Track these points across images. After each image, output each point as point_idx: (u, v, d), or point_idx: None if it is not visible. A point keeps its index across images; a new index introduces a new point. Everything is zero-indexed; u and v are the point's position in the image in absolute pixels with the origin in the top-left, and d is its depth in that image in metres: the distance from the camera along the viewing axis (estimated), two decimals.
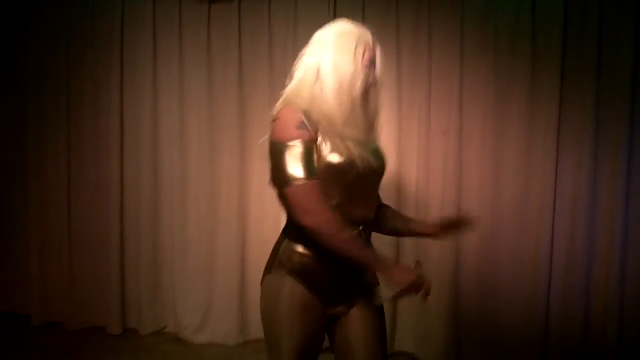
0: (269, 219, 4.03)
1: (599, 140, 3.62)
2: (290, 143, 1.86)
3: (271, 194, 4.29)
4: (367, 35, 1.97)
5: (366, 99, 1.97)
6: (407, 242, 3.82)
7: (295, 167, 1.84)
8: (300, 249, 1.98)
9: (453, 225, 2.18)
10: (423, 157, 3.83)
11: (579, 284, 3.69)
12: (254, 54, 4.05)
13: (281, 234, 2.08)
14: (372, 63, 1.96)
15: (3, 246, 4.48)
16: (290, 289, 1.96)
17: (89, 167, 4.30)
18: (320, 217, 1.83)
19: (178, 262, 4.22)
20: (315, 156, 1.88)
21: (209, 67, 4.11)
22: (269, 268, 2.06)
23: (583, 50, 3.61)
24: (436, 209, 3.81)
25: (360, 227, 1.98)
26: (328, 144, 1.89)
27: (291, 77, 2.05)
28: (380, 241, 2.27)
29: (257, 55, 4.05)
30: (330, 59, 1.94)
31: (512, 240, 3.77)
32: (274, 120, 1.95)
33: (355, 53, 1.93)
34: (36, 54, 4.25)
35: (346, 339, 2.08)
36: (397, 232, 2.27)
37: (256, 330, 4.17)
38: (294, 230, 1.98)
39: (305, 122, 1.87)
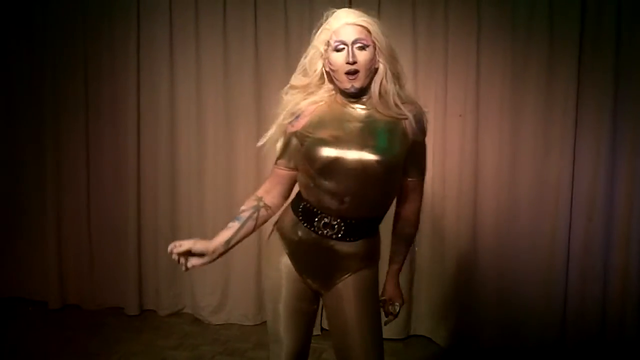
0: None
1: (618, 120, 3.59)
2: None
3: None
4: (334, 21, 1.99)
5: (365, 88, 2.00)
6: (423, 225, 3.82)
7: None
8: (290, 214, 2.15)
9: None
10: (440, 139, 3.80)
11: (597, 266, 3.67)
12: (270, 34, 4.04)
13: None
14: (337, 48, 1.95)
15: (21, 231, 4.51)
16: (277, 247, 2.18)
17: (106, 150, 4.33)
18: None
19: None
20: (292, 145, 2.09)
21: (225, 47, 4.10)
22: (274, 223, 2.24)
23: (601, 28, 3.57)
24: (453, 193, 3.81)
25: (337, 219, 2.01)
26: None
27: None
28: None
29: (273, 35, 4.04)
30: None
31: (530, 222, 3.75)
32: None
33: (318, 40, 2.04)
34: (54, 39, 4.27)
35: (328, 318, 2.19)
36: None
37: None
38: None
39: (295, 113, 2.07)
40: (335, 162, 1.95)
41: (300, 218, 2.08)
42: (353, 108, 2.01)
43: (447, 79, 3.80)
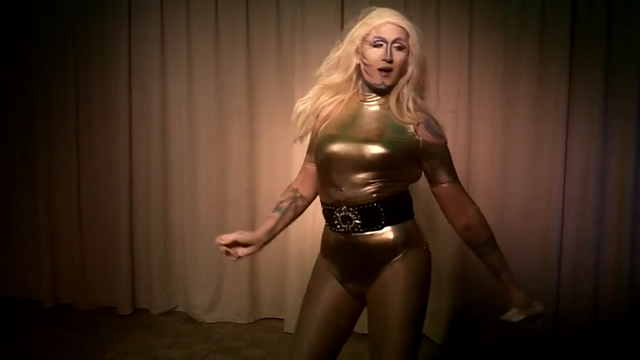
0: (279, 197, 4.04)
1: (609, 116, 3.60)
2: None
3: (279, 174, 4.32)
4: (377, 18, 2.04)
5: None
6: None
7: None
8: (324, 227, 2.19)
9: None
10: None
11: (590, 261, 3.69)
12: (262, 34, 4.04)
13: None
14: (376, 44, 2.00)
15: (13, 230, 4.50)
16: (318, 256, 2.23)
17: (98, 149, 4.31)
18: None
19: (188, 242, 4.24)
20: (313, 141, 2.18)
21: (216, 46, 4.10)
22: None
23: (592, 23, 3.58)
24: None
25: (349, 209, 2.02)
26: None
27: None
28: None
29: (265, 34, 4.04)
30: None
31: (522, 218, 3.76)
32: None
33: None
34: (44, 36, 4.25)
35: (369, 314, 2.11)
36: None
37: (267, 308, 4.21)
38: None
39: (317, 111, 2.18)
40: (333, 154, 2.01)
41: (327, 223, 2.12)
42: (368, 105, 2.07)
43: (439, 75, 3.80)
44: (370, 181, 1.99)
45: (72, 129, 4.29)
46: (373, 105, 2.06)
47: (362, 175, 1.99)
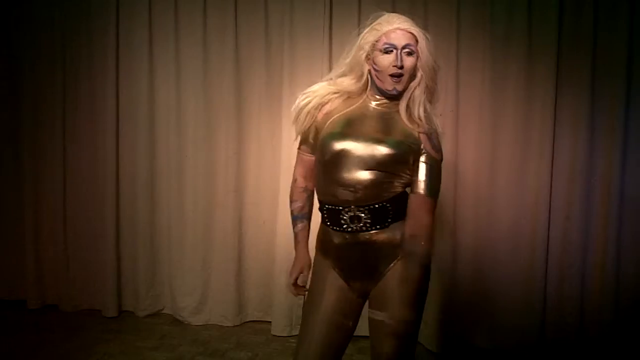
0: (266, 201, 4.06)
1: (595, 120, 3.65)
2: None
3: (267, 175, 4.30)
4: (386, 24, 2.09)
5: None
6: None
7: None
8: (322, 228, 2.21)
9: None
10: None
11: (576, 263, 3.71)
12: (250, 35, 4.03)
13: None
14: (386, 50, 2.05)
15: None
16: (315, 258, 2.25)
17: (84, 150, 4.28)
18: (292, 181, 2.31)
19: (175, 244, 4.22)
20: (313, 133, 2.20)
21: (205, 50, 4.08)
22: None
23: (579, 27, 3.63)
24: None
25: (358, 209, 2.04)
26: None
27: None
28: None
29: (254, 35, 4.03)
30: None
31: (509, 222, 3.78)
32: None
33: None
34: (31, 34, 4.22)
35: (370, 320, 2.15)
36: None
37: (253, 311, 4.20)
38: None
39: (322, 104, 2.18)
40: (344, 152, 2.04)
41: (328, 223, 2.12)
42: (377, 105, 2.12)
43: None
44: (381, 181, 2.04)
45: (58, 130, 4.25)
46: (382, 106, 2.11)
47: (373, 175, 2.02)
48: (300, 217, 2.28)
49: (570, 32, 3.63)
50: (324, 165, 2.09)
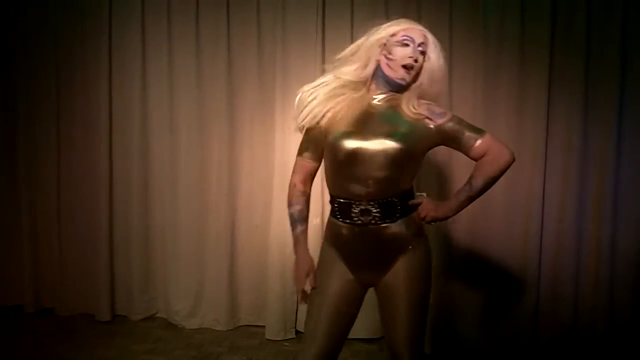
0: (259, 205, 4.07)
1: (588, 123, 3.67)
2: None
3: (260, 180, 4.30)
4: (404, 22, 2.22)
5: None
6: None
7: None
8: (330, 221, 2.31)
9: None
10: None
11: (569, 265, 3.74)
12: (243, 43, 4.04)
13: None
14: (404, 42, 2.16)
15: None
16: (322, 249, 2.34)
17: (78, 155, 4.27)
18: (289, 186, 2.35)
19: (168, 248, 4.22)
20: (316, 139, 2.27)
21: (197, 55, 4.09)
22: None
23: (572, 31, 3.66)
24: (431, 190, 3.83)
25: (369, 203, 2.15)
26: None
27: None
28: None
29: (246, 44, 4.04)
30: None
31: (503, 223, 3.80)
32: None
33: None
34: (25, 45, 4.22)
35: (381, 305, 2.30)
36: None
37: (247, 315, 4.20)
38: None
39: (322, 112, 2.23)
40: (358, 151, 2.13)
41: (339, 216, 2.22)
42: (378, 103, 2.22)
43: None
44: (393, 176, 2.14)
45: (52, 136, 4.25)
46: (383, 104, 2.22)
47: (386, 171, 2.13)
48: (301, 219, 2.34)
49: (563, 35, 3.65)
50: (338, 164, 2.18)
